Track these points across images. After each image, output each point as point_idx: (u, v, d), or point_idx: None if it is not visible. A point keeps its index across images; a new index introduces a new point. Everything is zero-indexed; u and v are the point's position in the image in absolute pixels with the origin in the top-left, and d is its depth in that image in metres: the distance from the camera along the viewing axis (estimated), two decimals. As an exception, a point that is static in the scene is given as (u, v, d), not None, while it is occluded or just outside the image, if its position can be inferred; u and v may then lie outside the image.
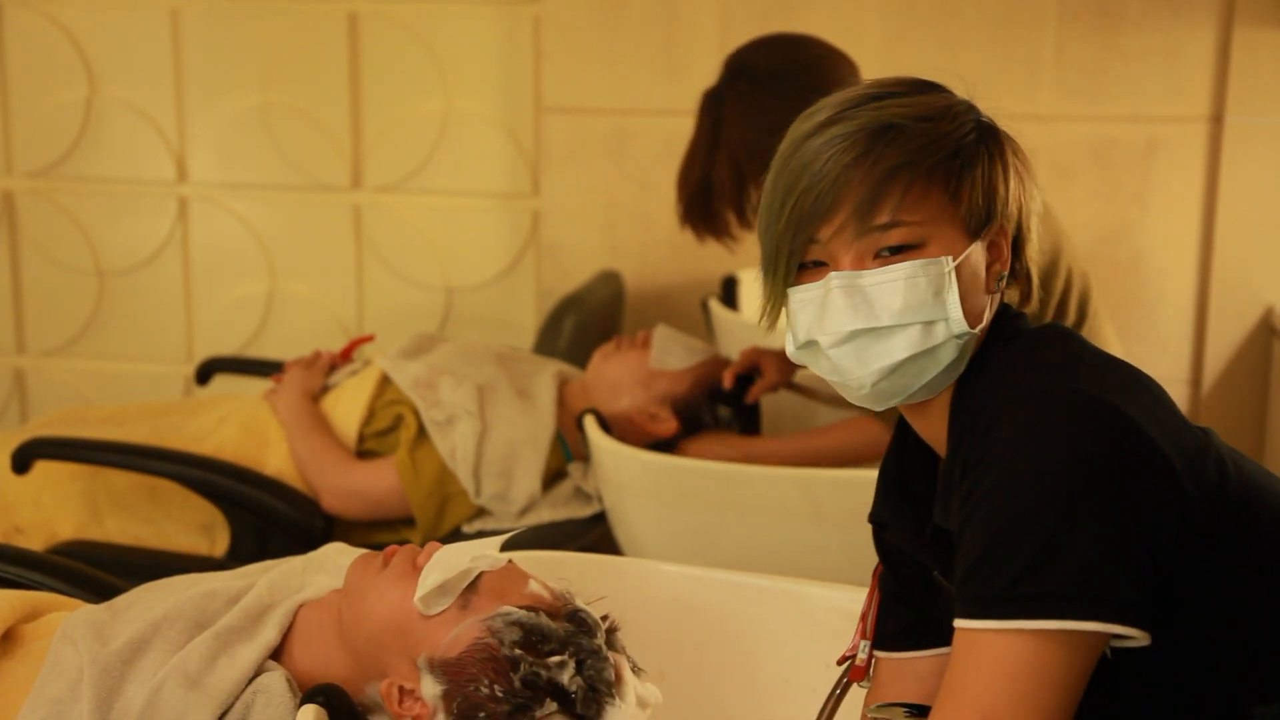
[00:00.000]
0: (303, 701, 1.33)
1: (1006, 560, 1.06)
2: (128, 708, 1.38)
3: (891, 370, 1.16)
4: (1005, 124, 1.24)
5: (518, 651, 1.33)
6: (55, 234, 3.43)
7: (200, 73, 3.32)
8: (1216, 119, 2.89)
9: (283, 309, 3.41)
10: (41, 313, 3.49)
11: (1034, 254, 1.23)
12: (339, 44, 3.26)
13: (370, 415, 2.44)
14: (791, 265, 1.18)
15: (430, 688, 1.35)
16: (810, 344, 1.19)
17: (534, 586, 1.40)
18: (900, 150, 1.15)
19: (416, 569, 1.40)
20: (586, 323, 2.81)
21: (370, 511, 2.35)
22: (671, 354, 2.41)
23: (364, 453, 2.41)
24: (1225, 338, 2.92)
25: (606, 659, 1.37)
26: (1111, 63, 2.91)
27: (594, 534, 2.36)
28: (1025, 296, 1.26)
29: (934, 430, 1.24)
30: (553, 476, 2.39)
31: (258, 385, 2.82)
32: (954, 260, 1.16)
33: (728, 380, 2.39)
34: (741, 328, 2.88)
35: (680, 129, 3.10)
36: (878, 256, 1.16)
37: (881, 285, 1.15)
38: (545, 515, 2.33)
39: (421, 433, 2.37)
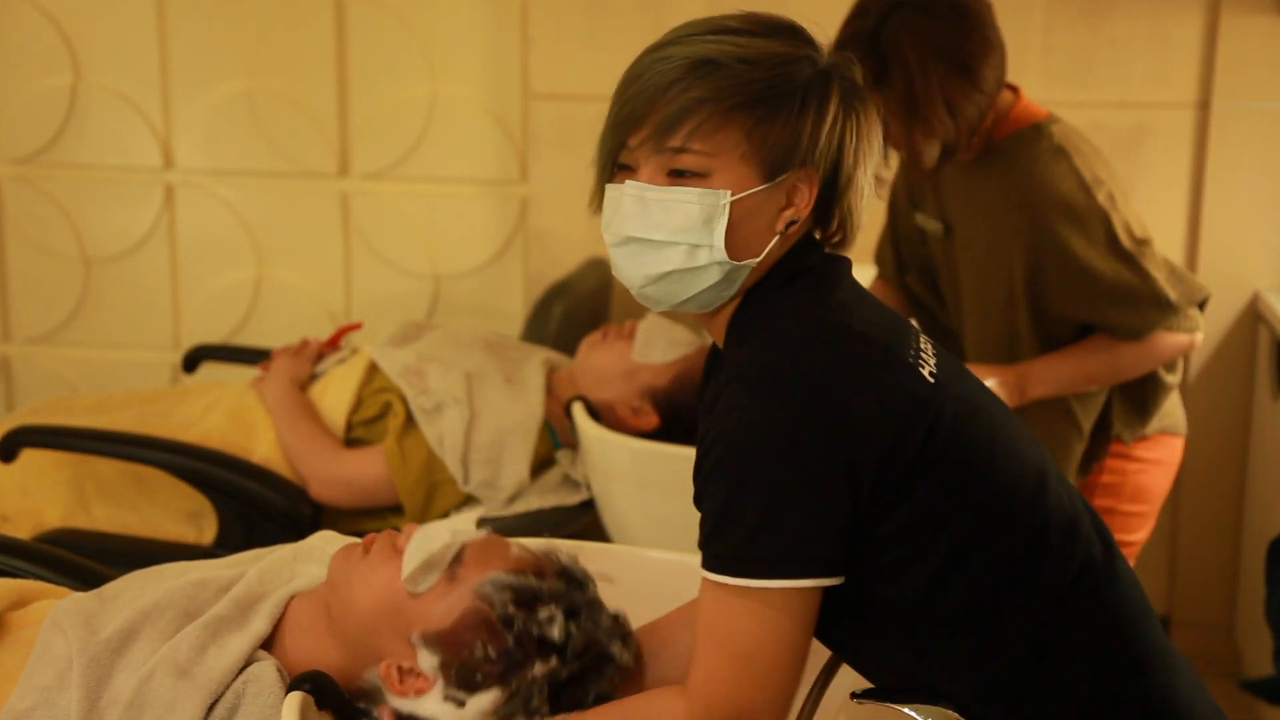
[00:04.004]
0: (290, 689, 1.33)
1: (734, 528, 1.24)
2: (117, 697, 1.38)
3: (657, 279, 1.31)
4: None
5: (510, 610, 1.35)
6: (41, 221, 3.41)
7: (186, 59, 3.30)
8: (1203, 105, 2.89)
9: (270, 296, 3.40)
10: (27, 300, 3.48)
11: (855, 202, 1.33)
12: (325, 29, 3.25)
13: (358, 403, 2.44)
14: (607, 163, 1.33)
15: (428, 660, 1.36)
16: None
17: (518, 551, 1.42)
18: (707, 86, 1.26)
19: (398, 551, 1.42)
20: (575, 310, 2.80)
21: (358, 499, 2.35)
22: (654, 347, 2.41)
23: (352, 441, 2.41)
24: (1212, 323, 2.93)
25: (602, 608, 1.41)
26: (1099, 48, 2.91)
27: (582, 521, 2.36)
28: (843, 240, 1.36)
29: (719, 339, 1.38)
30: (541, 464, 2.39)
31: (245, 373, 2.81)
32: (732, 195, 1.27)
33: None
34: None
35: (668, 115, 3.11)
36: (669, 174, 1.28)
37: (663, 202, 1.28)
38: (534, 502, 2.34)
39: (410, 420, 2.37)
